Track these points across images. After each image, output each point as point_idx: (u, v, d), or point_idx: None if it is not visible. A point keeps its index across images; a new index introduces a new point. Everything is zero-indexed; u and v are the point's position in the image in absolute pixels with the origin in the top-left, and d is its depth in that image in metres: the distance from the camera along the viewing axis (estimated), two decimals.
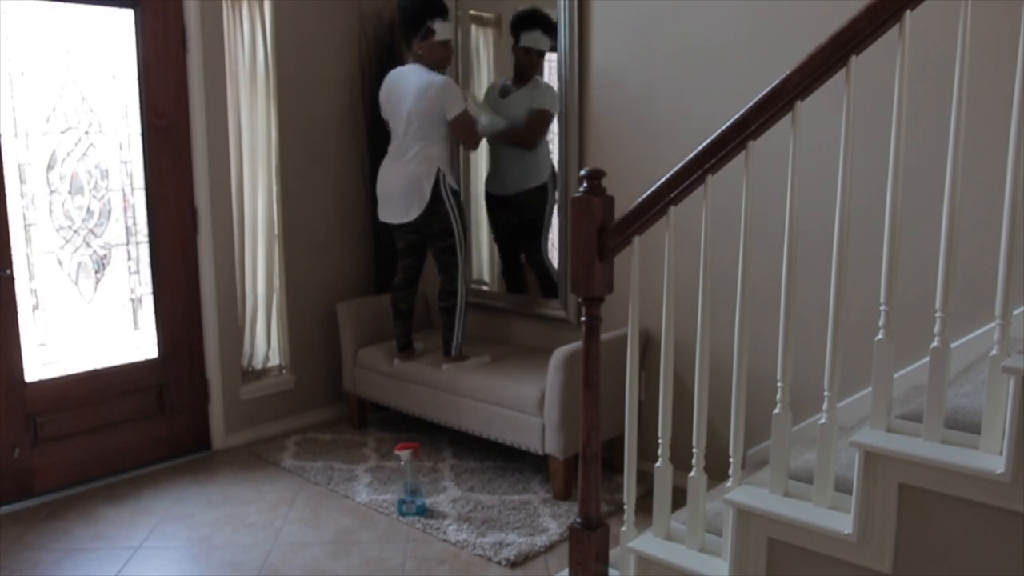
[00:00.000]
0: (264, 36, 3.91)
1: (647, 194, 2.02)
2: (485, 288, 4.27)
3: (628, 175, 3.41)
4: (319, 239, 4.28)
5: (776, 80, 1.81)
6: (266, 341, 4.13)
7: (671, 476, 2.12)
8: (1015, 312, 2.39)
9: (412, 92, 3.59)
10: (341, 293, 4.38)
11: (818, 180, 2.77)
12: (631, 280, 2.09)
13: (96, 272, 3.60)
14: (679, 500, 2.20)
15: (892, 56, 1.73)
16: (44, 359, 3.45)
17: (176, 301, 3.77)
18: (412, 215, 3.65)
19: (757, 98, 1.83)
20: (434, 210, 3.63)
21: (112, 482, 3.60)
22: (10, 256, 3.26)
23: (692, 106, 3.25)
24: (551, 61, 3.77)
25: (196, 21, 3.65)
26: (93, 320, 3.59)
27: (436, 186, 3.62)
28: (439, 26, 3.59)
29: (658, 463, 2.12)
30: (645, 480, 2.78)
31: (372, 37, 4.33)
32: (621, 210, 2.05)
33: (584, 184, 2.07)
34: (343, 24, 4.25)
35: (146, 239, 3.68)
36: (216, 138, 3.79)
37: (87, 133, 3.50)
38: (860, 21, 1.70)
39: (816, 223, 2.73)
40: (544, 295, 3.96)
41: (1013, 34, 2.09)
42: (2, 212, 3.22)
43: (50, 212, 3.43)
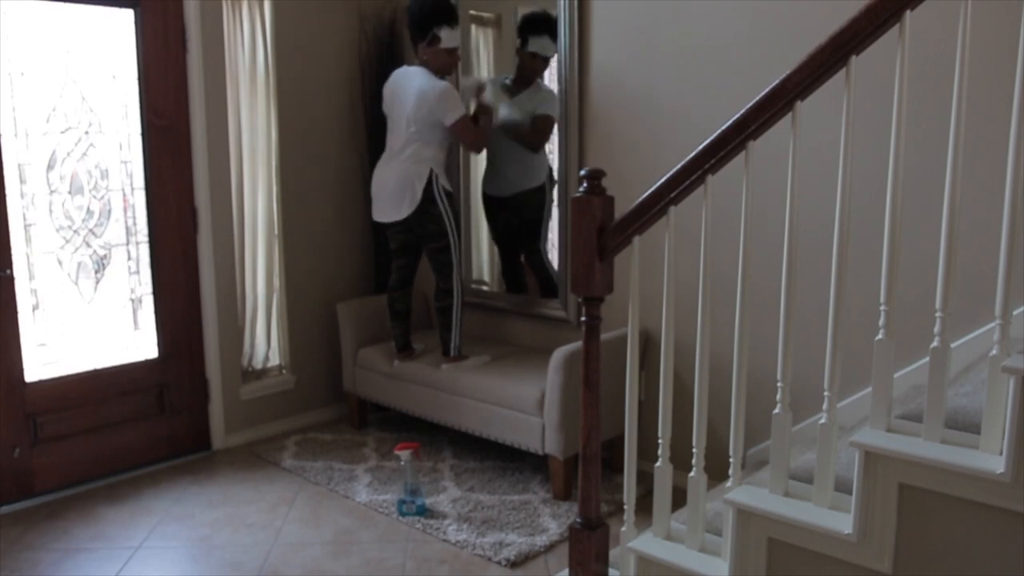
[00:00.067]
0: (264, 36, 3.92)
1: (647, 194, 2.02)
2: (485, 288, 4.27)
3: (628, 175, 3.41)
4: (319, 239, 4.28)
5: (776, 80, 1.81)
6: (266, 341, 4.13)
7: (671, 476, 2.12)
8: (1015, 312, 2.39)
9: (412, 96, 3.59)
10: (341, 293, 4.39)
11: (818, 180, 2.77)
12: (631, 280, 2.09)
13: (96, 272, 3.60)
14: (679, 500, 2.20)
15: (892, 56, 1.73)
16: (44, 359, 3.45)
17: (176, 301, 3.77)
18: (403, 214, 3.66)
19: (757, 98, 1.83)
20: (426, 211, 3.64)
21: (112, 482, 3.60)
22: (10, 256, 3.26)
23: (692, 106, 3.26)
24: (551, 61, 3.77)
25: (196, 21, 3.65)
26: (93, 320, 3.59)
27: (428, 187, 3.62)
28: (445, 33, 3.59)
29: (658, 463, 2.12)
30: (645, 480, 2.78)
31: (372, 37, 4.33)
32: (621, 210, 2.05)
33: (584, 184, 2.07)
34: (343, 24, 4.25)
35: (146, 239, 3.68)
36: (216, 138, 3.79)
37: (87, 133, 3.50)
38: (860, 21, 1.70)
39: (816, 223, 2.73)
40: (544, 295, 3.96)
41: (1013, 34, 2.09)
42: (2, 212, 3.23)
43: (50, 212, 3.43)
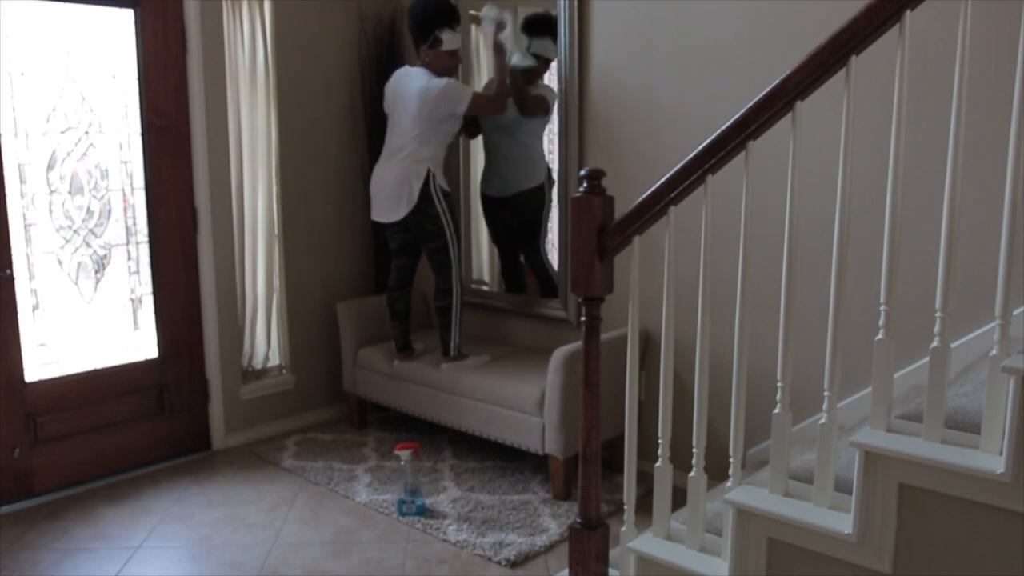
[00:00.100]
0: (264, 36, 3.91)
1: (647, 194, 2.02)
2: (485, 288, 4.27)
3: (628, 175, 3.41)
4: (319, 239, 4.28)
5: (776, 80, 1.81)
6: (266, 341, 4.13)
7: (671, 476, 2.12)
8: (1015, 312, 2.39)
9: (414, 97, 3.59)
10: (341, 293, 4.39)
11: (818, 180, 2.77)
12: (631, 280, 2.09)
13: (96, 272, 3.60)
14: (679, 500, 2.20)
15: (892, 56, 1.73)
16: (44, 359, 3.45)
17: (176, 301, 3.77)
18: (400, 214, 3.66)
19: (757, 98, 1.83)
20: (424, 211, 3.64)
21: (112, 482, 3.60)
22: (10, 256, 3.26)
23: (692, 106, 3.25)
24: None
25: (196, 21, 3.65)
26: (93, 320, 3.59)
27: (425, 187, 3.62)
28: (447, 36, 3.59)
29: (658, 463, 2.12)
30: (645, 480, 2.77)
31: (372, 37, 4.33)
32: (621, 210, 2.05)
33: (584, 184, 2.07)
34: (343, 24, 4.25)
35: (146, 239, 3.68)
36: (216, 138, 3.79)
37: (87, 133, 3.50)
38: (860, 21, 1.70)
39: (816, 223, 2.73)
40: (544, 295, 3.96)
41: (1013, 34, 2.09)
42: (2, 212, 3.22)
43: (50, 212, 3.43)
